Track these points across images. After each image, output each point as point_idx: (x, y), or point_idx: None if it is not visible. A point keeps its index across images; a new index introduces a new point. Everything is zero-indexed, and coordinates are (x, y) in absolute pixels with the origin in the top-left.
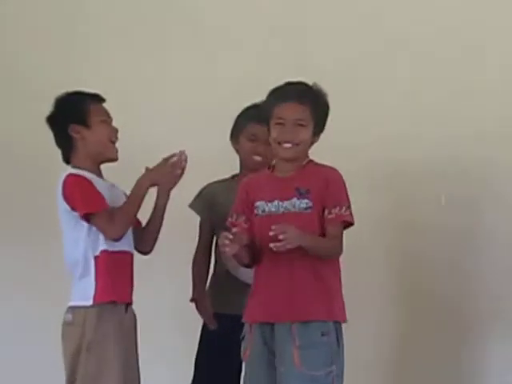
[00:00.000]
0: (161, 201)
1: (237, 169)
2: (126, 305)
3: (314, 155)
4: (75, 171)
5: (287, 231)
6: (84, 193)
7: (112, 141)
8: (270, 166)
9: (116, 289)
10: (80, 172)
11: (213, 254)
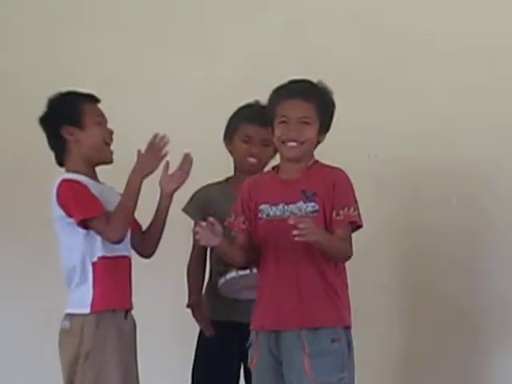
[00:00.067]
0: (163, 203)
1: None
2: (126, 311)
3: (318, 155)
4: (69, 176)
5: (309, 223)
6: (79, 198)
7: (107, 143)
8: (275, 167)
9: (115, 296)
10: (74, 176)
11: (208, 261)
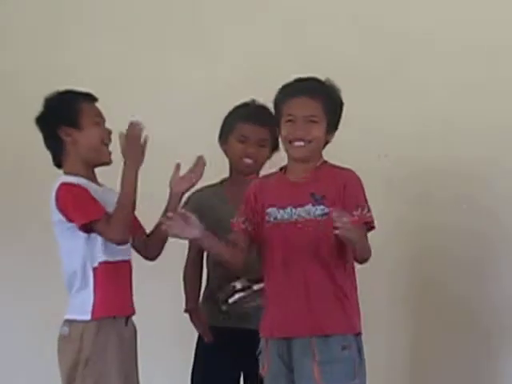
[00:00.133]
0: (172, 203)
1: None
2: (126, 317)
3: (326, 155)
4: (68, 179)
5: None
6: (78, 202)
7: (105, 143)
8: (282, 168)
9: (116, 302)
10: (73, 179)
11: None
